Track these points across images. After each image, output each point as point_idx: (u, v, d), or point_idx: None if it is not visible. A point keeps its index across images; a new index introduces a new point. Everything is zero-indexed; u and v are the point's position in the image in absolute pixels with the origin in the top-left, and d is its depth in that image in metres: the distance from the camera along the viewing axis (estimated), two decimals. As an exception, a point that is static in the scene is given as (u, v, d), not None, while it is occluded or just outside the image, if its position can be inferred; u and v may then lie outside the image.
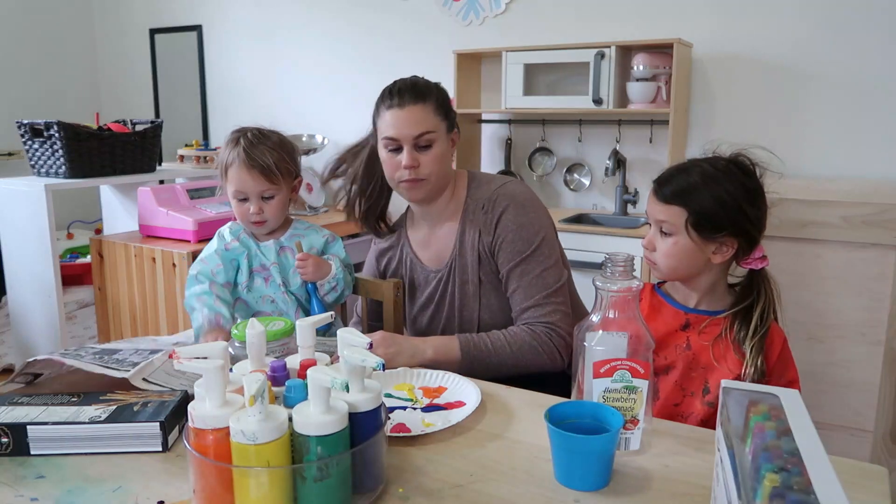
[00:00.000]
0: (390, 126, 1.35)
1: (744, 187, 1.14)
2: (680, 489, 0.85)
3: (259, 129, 1.46)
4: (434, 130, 1.36)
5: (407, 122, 1.33)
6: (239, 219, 1.47)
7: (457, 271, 1.44)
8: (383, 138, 1.37)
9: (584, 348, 0.95)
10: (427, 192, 1.40)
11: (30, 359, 1.14)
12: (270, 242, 1.48)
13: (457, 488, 0.85)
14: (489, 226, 1.40)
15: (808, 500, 0.48)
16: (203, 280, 1.41)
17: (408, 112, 1.34)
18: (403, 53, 3.40)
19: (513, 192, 1.42)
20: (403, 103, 1.34)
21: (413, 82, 1.38)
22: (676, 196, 1.15)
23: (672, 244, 1.16)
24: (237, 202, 1.44)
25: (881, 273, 1.91)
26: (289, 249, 1.48)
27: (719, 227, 1.13)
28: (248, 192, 1.41)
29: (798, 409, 0.62)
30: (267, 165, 1.40)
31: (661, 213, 1.17)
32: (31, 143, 2.63)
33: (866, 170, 2.51)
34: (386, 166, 1.40)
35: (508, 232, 1.38)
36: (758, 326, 1.14)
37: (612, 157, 2.83)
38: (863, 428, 1.99)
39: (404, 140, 1.34)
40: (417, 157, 1.35)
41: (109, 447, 0.93)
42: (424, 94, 1.36)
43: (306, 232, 1.52)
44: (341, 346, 0.88)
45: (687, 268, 1.18)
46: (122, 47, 4.34)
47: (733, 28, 2.67)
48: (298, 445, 0.75)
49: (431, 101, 1.36)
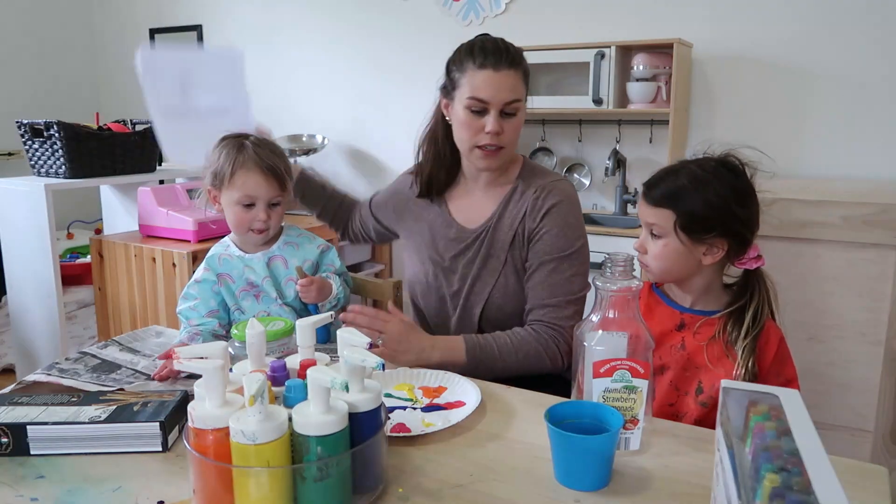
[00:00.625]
0: (482, 87, 1.28)
1: (732, 188, 1.14)
2: (680, 489, 0.85)
3: (255, 136, 1.42)
4: (521, 98, 1.32)
5: (501, 87, 1.28)
6: (237, 227, 1.41)
7: (486, 242, 1.40)
8: (469, 98, 1.30)
9: (584, 348, 0.95)
10: (502, 160, 1.37)
11: (27, 378, 1.15)
12: (259, 255, 1.43)
13: (457, 488, 0.85)
14: (536, 212, 1.37)
15: (808, 500, 0.48)
16: (186, 316, 1.40)
17: (503, 76, 1.28)
18: (403, 53, 3.40)
19: (569, 191, 1.40)
20: (499, 65, 1.28)
21: (505, 45, 1.33)
22: (664, 199, 1.16)
23: (662, 246, 1.17)
24: (241, 208, 1.38)
25: (881, 273, 1.91)
26: (279, 258, 1.44)
27: (708, 229, 1.14)
28: (260, 196, 1.36)
29: (798, 409, 0.62)
30: (280, 171, 1.37)
31: (650, 216, 1.18)
32: (31, 143, 2.63)
33: (866, 170, 2.51)
34: (464, 128, 1.33)
35: (554, 226, 1.35)
36: (750, 328, 1.14)
37: (612, 157, 2.82)
38: (863, 428, 1.99)
39: (494, 104, 1.29)
40: (502, 124, 1.31)
41: (109, 447, 0.93)
42: (518, 60, 1.32)
43: (299, 240, 1.48)
44: (341, 346, 0.88)
45: (679, 270, 1.18)
46: (122, 47, 4.34)
47: (733, 28, 2.67)
48: (298, 445, 0.75)
49: (521, 69, 1.33)
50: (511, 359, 1.29)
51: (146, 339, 1.40)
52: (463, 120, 1.32)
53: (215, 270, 1.43)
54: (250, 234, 1.40)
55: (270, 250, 1.44)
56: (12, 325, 2.79)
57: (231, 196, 1.38)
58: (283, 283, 1.44)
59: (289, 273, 1.43)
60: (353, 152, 3.65)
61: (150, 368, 1.23)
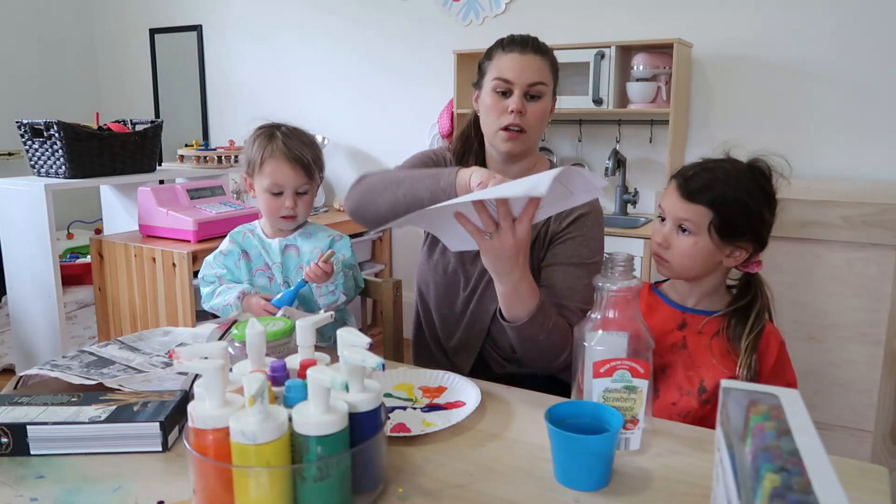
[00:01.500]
0: (507, 68, 1.32)
1: (764, 193, 1.14)
2: (680, 489, 0.85)
3: (288, 125, 1.48)
4: (546, 83, 1.34)
5: (525, 68, 1.31)
6: (268, 213, 1.48)
7: None
8: (494, 79, 1.33)
9: (584, 348, 0.95)
10: (525, 146, 1.36)
11: (24, 373, 1.15)
12: (276, 241, 1.50)
13: (457, 488, 0.85)
14: (564, 218, 1.35)
15: (808, 500, 0.48)
16: (211, 280, 1.49)
17: (528, 59, 1.32)
18: (403, 53, 3.41)
19: (596, 204, 1.39)
20: (525, 50, 1.33)
21: (533, 37, 1.36)
22: (703, 197, 1.13)
23: (692, 244, 1.15)
24: (270, 196, 1.44)
25: (881, 273, 1.91)
26: (293, 248, 1.49)
27: (741, 233, 1.13)
28: (287, 185, 1.43)
29: (798, 409, 0.62)
30: (307, 160, 1.43)
31: (683, 211, 1.15)
32: (31, 143, 2.63)
33: (866, 170, 2.51)
34: (489, 111, 1.35)
35: (579, 234, 1.34)
36: (753, 326, 1.14)
37: (612, 157, 2.82)
38: (863, 428, 1.99)
39: (518, 84, 1.32)
40: (526, 105, 1.32)
41: (109, 447, 0.93)
42: (544, 49, 1.35)
43: (312, 230, 1.53)
44: (341, 346, 0.88)
45: (699, 268, 1.17)
46: (122, 47, 4.34)
47: (733, 28, 2.67)
48: (298, 445, 0.75)
49: (549, 58, 1.36)
50: (556, 332, 1.21)
51: (151, 339, 1.40)
52: (489, 104, 1.35)
53: (239, 245, 1.52)
54: (280, 220, 1.47)
55: (288, 238, 1.50)
56: (12, 325, 2.79)
57: (261, 183, 1.44)
58: (294, 271, 1.49)
59: (299, 261, 1.49)
60: (353, 152, 3.66)
61: (144, 366, 1.23)
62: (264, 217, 1.53)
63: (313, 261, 1.40)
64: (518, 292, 1.16)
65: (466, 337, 1.44)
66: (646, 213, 2.90)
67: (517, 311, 1.18)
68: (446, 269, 1.46)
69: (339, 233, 1.54)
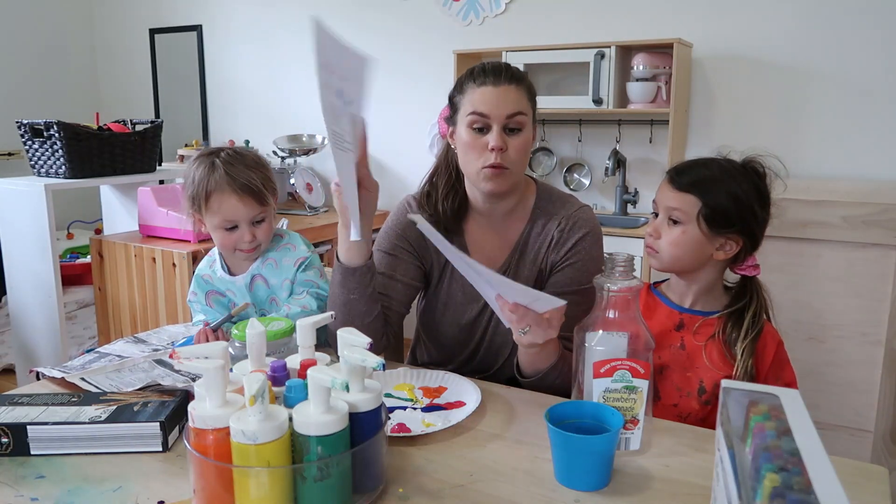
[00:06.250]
0: (481, 102, 1.23)
1: (757, 189, 1.15)
2: (680, 489, 0.85)
3: (229, 149, 1.33)
4: (526, 113, 1.25)
5: (501, 100, 1.22)
6: (225, 249, 1.35)
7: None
8: (470, 114, 1.24)
9: (584, 348, 0.95)
10: (510, 182, 1.27)
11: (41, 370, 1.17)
12: (240, 277, 1.37)
13: (457, 488, 0.85)
14: (561, 245, 1.31)
15: (808, 500, 0.48)
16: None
17: (503, 90, 1.23)
18: (403, 53, 3.40)
19: (592, 221, 1.34)
20: (498, 81, 1.23)
21: (506, 65, 1.28)
22: (692, 185, 1.15)
23: (680, 233, 1.16)
24: (224, 232, 1.31)
25: (881, 273, 1.91)
26: (260, 278, 1.37)
27: (729, 223, 1.14)
28: (240, 218, 1.29)
29: (798, 409, 0.62)
30: (256, 186, 1.29)
31: (673, 201, 1.16)
32: (31, 143, 2.63)
33: (866, 170, 2.51)
34: (468, 150, 1.26)
35: (579, 260, 1.30)
36: (749, 329, 1.15)
37: (612, 157, 2.83)
38: (863, 428, 1.99)
39: (495, 118, 1.22)
40: (506, 140, 1.23)
41: (109, 447, 0.93)
42: (519, 76, 1.26)
43: (279, 254, 1.38)
44: (341, 346, 0.88)
45: (689, 260, 1.17)
46: (122, 47, 4.34)
47: (733, 28, 2.67)
48: (299, 445, 0.75)
49: (524, 86, 1.27)
50: (566, 368, 1.18)
51: (160, 332, 1.43)
52: (466, 141, 1.25)
53: (203, 290, 1.42)
54: (240, 253, 1.35)
55: (252, 268, 1.37)
56: (12, 325, 2.79)
57: (212, 221, 1.32)
58: (267, 302, 1.39)
59: (270, 293, 1.38)
60: (353, 152, 3.65)
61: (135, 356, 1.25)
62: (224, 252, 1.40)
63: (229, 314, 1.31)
64: (545, 349, 1.14)
65: (473, 372, 1.39)
66: (646, 213, 2.90)
67: (539, 366, 1.17)
68: (459, 322, 1.39)
69: (306, 254, 1.39)
